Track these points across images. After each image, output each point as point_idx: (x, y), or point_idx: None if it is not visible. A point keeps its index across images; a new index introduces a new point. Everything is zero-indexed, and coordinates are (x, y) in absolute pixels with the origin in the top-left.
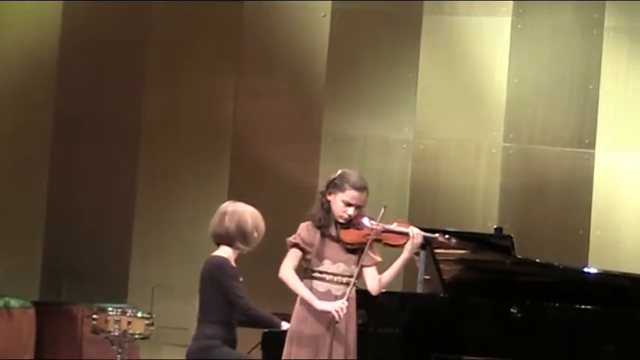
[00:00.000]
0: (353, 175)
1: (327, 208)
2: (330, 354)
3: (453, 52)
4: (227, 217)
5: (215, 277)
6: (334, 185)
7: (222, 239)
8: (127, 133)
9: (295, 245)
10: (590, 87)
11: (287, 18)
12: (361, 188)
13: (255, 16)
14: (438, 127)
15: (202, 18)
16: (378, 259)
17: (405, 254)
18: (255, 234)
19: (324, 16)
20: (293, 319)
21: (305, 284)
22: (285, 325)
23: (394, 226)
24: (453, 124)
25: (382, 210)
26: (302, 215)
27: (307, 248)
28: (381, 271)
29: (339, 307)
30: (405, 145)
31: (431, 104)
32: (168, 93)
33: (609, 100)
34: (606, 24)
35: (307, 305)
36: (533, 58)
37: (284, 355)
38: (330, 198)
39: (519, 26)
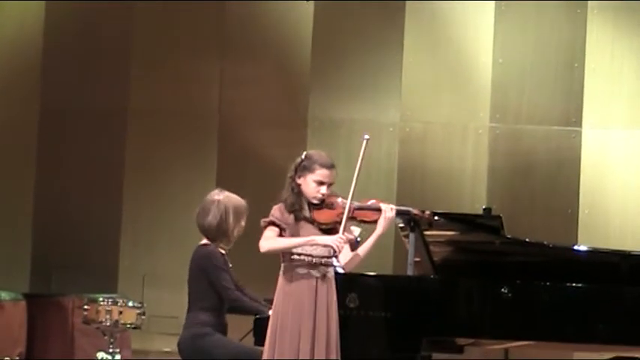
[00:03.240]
0: (320, 155)
1: (297, 192)
2: (312, 339)
3: (437, 33)
4: (211, 214)
5: (203, 268)
6: (303, 168)
7: (204, 233)
8: (113, 124)
9: (271, 223)
10: (576, 65)
11: (271, 2)
12: (330, 166)
13: (238, 2)
14: (424, 110)
15: (186, 5)
16: (351, 236)
17: (378, 230)
18: (236, 232)
19: (307, 0)
20: (275, 303)
21: (285, 267)
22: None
23: (367, 203)
24: (439, 106)
25: (364, 142)
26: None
27: (283, 225)
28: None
29: (338, 239)
30: (391, 129)
31: (416, 87)
32: (153, 81)
33: (595, 78)
34: (590, 2)
35: (287, 296)
36: (517, 37)
37: (267, 337)
38: (300, 181)
39: (503, 7)
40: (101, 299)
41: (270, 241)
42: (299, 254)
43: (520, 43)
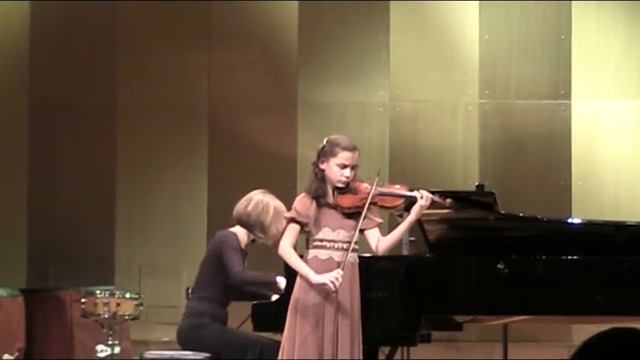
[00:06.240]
0: (341, 138)
1: (321, 177)
2: (336, 324)
3: (422, 12)
4: (252, 204)
5: (216, 250)
6: (325, 153)
7: (241, 222)
8: (103, 117)
9: (292, 220)
10: (562, 37)
11: None
12: (352, 148)
13: None
14: (413, 89)
15: None
16: (379, 220)
17: (411, 216)
18: (273, 229)
19: None
20: (296, 288)
21: (308, 254)
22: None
23: (391, 189)
24: (427, 84)
25: (377, 178)
26: (283, 185)
27: (304, 220)
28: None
29: (334, 277)
30: (381, 109)
31: (404, 66)
32: (141, 73)
33: (582, 50)
34: None
35: (310, 281)
36: (503, 12)
37: (287, 325)
38: (323, 167)
39: None
40: (98, 292)
41: (286, 250)
42: (321, 240)
43: (505, 17)
